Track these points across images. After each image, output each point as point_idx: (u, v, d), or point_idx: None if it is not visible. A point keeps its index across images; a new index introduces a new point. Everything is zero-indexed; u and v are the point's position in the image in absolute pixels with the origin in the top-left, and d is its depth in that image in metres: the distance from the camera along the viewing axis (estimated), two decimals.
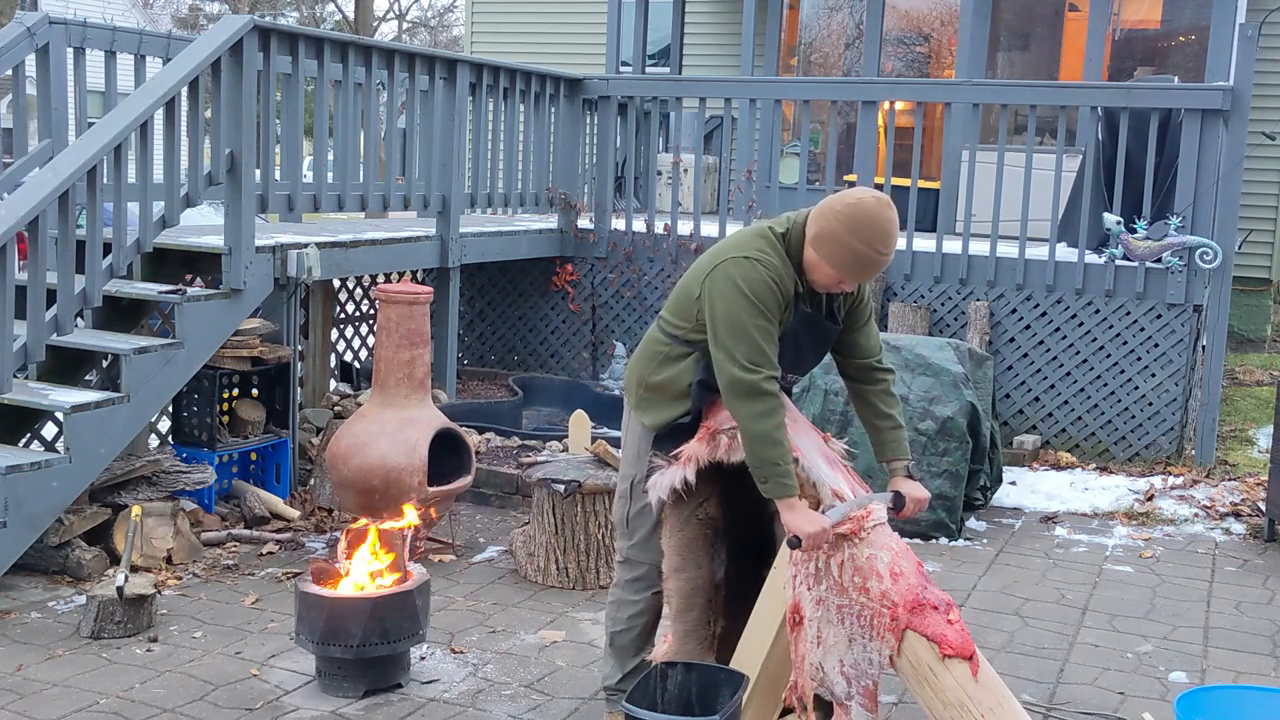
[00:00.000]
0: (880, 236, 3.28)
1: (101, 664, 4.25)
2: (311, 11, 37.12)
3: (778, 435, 3.26)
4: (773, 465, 3.26)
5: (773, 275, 3.33)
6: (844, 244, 3.28)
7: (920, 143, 8.28)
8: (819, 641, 3.14)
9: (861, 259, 3.29)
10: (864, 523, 3.17)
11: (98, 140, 5.08)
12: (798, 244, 3.40)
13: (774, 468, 3.26)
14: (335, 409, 6.76)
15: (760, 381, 3.26)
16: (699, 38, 12.63)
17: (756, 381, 3.26)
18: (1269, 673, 4.53)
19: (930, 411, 6.10)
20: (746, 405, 3.27)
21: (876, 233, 3.27)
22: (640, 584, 3.67)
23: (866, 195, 3.32)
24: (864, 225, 3.27)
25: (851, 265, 3.31)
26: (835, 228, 3.29)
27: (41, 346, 5.05)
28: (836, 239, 3.29)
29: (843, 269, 3.32)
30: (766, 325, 3.31)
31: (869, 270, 3.33)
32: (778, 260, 3.37)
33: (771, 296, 3.32)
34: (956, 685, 2.95)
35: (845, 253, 3.29)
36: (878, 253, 3.29)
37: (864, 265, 3.31)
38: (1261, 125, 9.77)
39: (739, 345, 3.29)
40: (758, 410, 3.25)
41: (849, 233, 3.27)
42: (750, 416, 3.27)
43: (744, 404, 3.27)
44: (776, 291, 3.33)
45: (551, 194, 8.51)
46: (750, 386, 3.26)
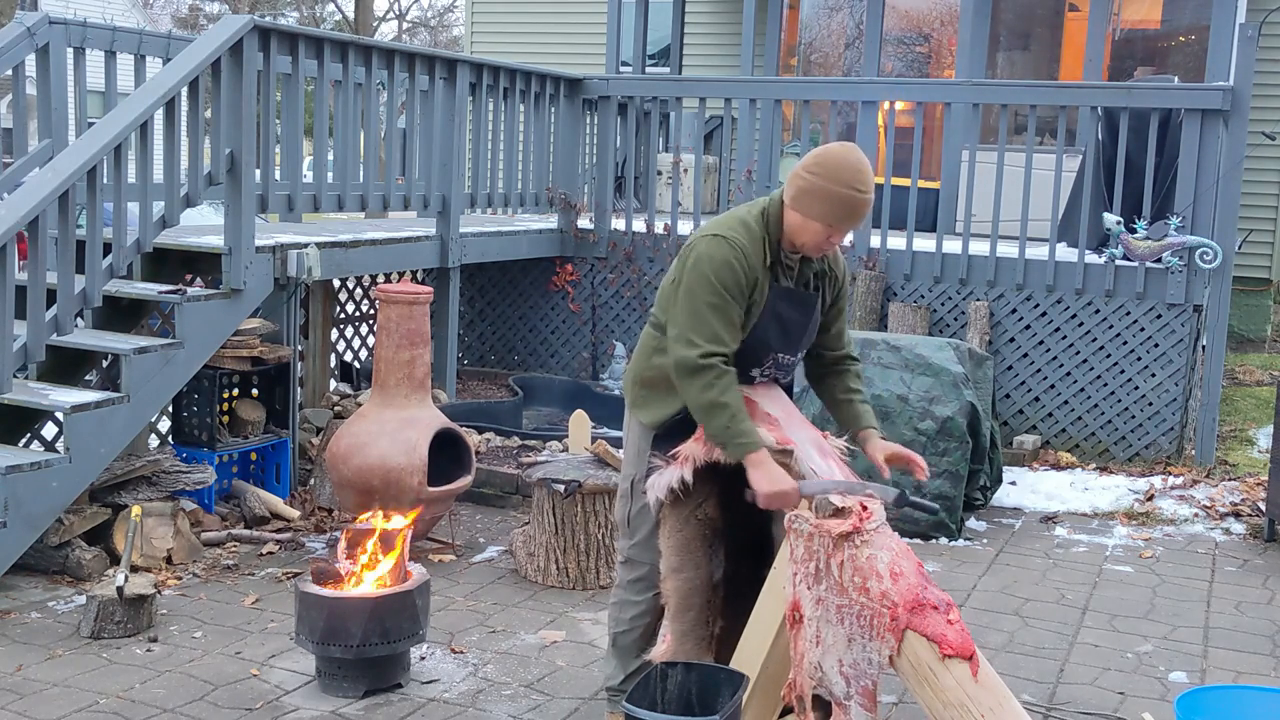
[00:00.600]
0: (857, 175, 3.32)
1: (101, 664, 4.25)
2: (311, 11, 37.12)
3: (723, 399, 3.29)
4: (725, 429, 3.30)
5: (737, 254, 3.36)
6: (824, 192, 3.32)
7: (920, 143, 8.29)
8: (818, 641, 3.14)
9: (844, 201, 3.33)
10: (864, 524, 3.17)
11: (98, 140, 5.08)
12: (777, 216, 3.43)
13: (727, 430, 3.30)
14: (335, 409, 6.76)
15: (697, 357, 3.30)
16: (699, 38, 12.63)
17: (694, 358, 3.30)
18: (1269, 673, 4.53)
19: (930, 411, 6.10)
20: (688, 382, 3.33)
21: (852, 172, 3.33)
22: (642, 584, 3.67)
23: (830, 145, 3.39)
24: (838, 168, 3.33)
25: (836, 211, 3.34)
26: (811, 181, 3.34)
27: (41, 346, 5.05)
28: (815, 190, 3.33)
29: (828, 218, 3.35)
30: (720, 303, 3.33)
31: (855, 213, 3.35)
32: (747, 239, 3.39)
33: (732, 275, 3.34)
34: (956, 685, 2.95)
35: (827, 200, 3.33)
36: (859, 191, 3.33)
37: (848, 208, 3.34)
38: (1261, 125, 9.77)
39: (687, 322, 3.34)
40: (699, 384, 3.31)
41: (826, 180, 3.32)
42: (693, 393, 3.32)
43: (686, 382, 3.33)
44: (739, 270, 3.35)
45: (551, 194, 8.51)
46: (690, 364, 3.31)
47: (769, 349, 3.49)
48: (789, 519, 3.24)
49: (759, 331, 3.44)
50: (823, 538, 3.13)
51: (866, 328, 7.72)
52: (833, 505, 3.17)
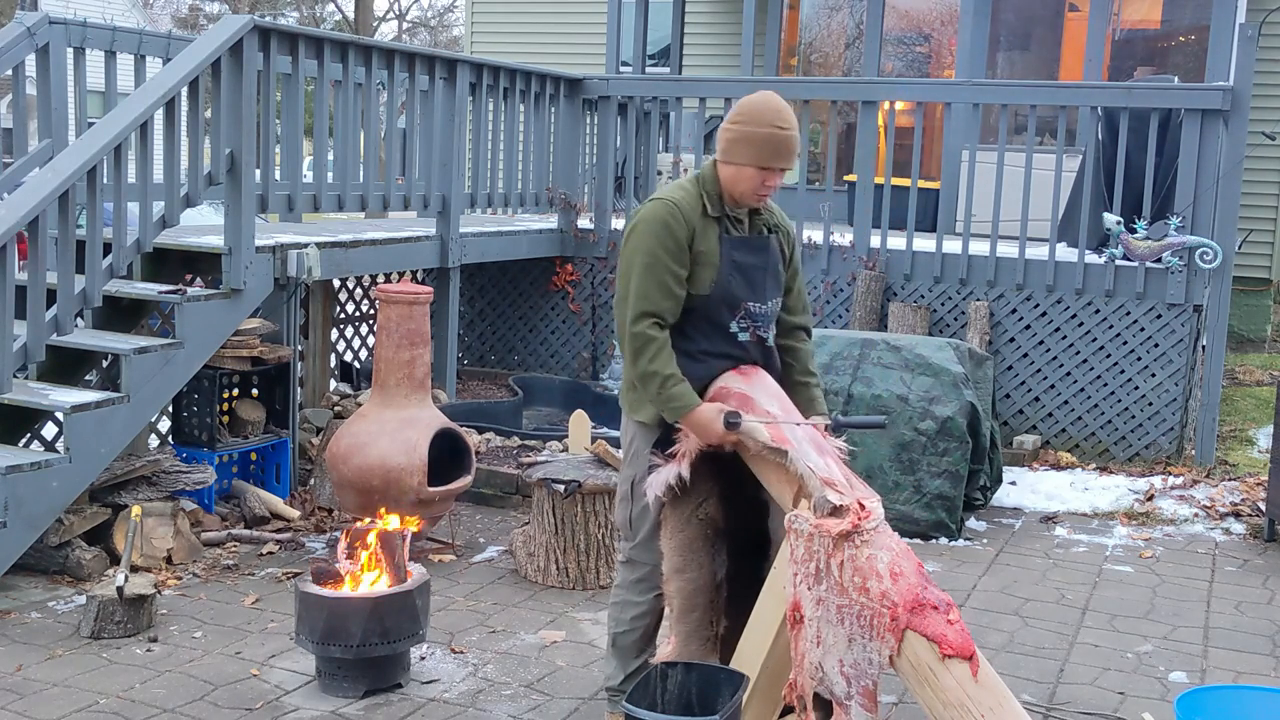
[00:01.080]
0: (774, 114, 3.43)
1: (101, 664, 4.25)
2: (311, 11, 37.11)
3: (652, 367, 3.40)
4: (657, 394, 3.41)
5: (669, 208, 3.46)
6: (747, 135, 3.44)
7: (920, 143, 8.28)
8: (819, 641, 3.14)
9: (768, 140, 3.44)
10: (863, 523, 3.16)
11: (98, 140, 5.08)
12: (710, 177, 3.55)
13: (660, 396, 3.41)
14: (335, 409, 6.76)
15: (629, 324, 3.41)
16: (699, 38, 12.63)
17: (627, 326, 3.42)
18: (1269, 673, 4.53)
19: (930, 411, 6.10)
20: (627, 352, 3.44)
21: (769, 111, 3.44)
22: (643, 585, 3.67)
23: (747, 95, 3.52)
24: (755, 110, 3.45)
25: (763, 151, 3.44)
26: (735, 129, 3.48)
27: (41, 346, 5.05)
28: (739, 136, 3.46)
29: (757, 159, 3.45)
30: (652, 262, 3.42)
31: (781, 151, 3.44)
32: (680, 195, 3.50)
33: (665, 229, 3.44)
34: (956, 685, 2.95)
35: (751, 143, 3.44)
36: (779, 127, 3.43)
37: (773, 146, 3.44)
38: (1261, 125, 9.77)
39: (622, 287, 3.49)
40: (631, 352, 3.42)
41: (746, 123, 3.45)
42: (631, 363, 3.44)
43: (625, 351, 3.45)
44: (671, 223, 3.44)
45: (551, 194, 8.52)
46: (624, 332, 3.44)
47: (737, 299, 3.53)
48: (789, 519, 3.24)
49: (722, 283, 3.50)
50: (822, 538, 3.13)
51: (866, 328, 7.72)
52: (830, 504, 3.16)
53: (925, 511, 6.03)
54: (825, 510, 3.20)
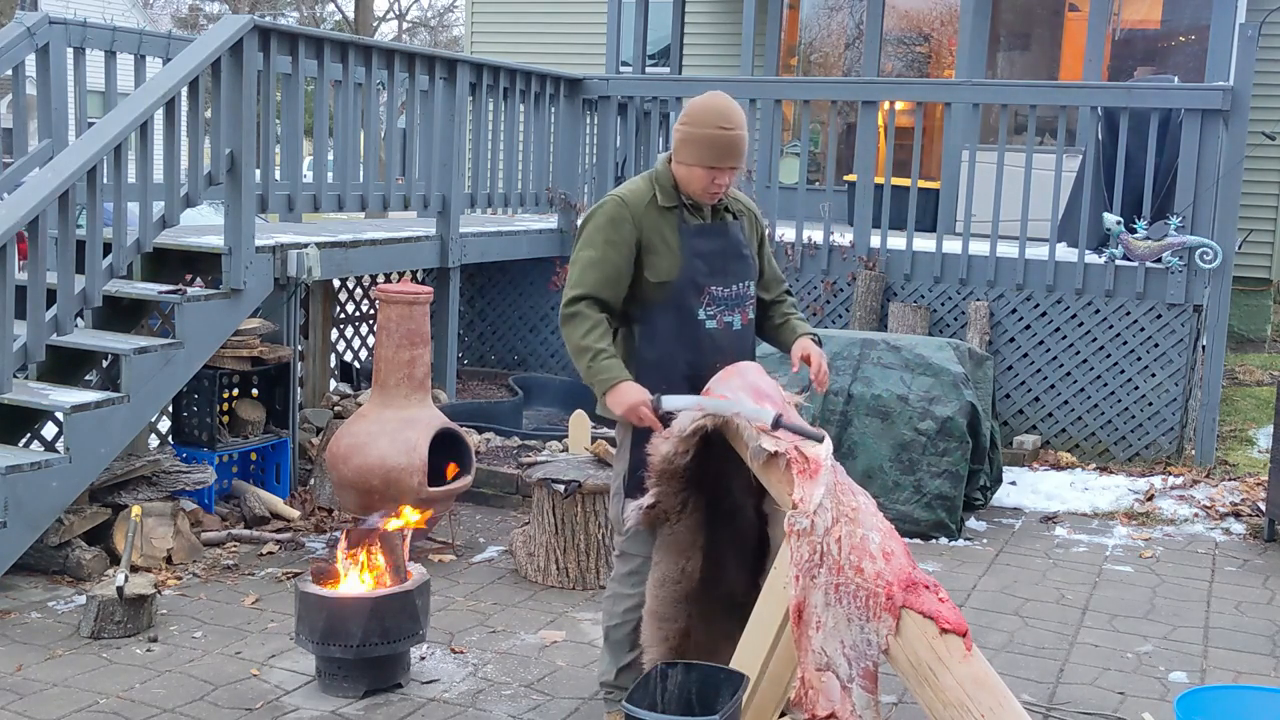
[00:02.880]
0: (719, 115, 3.51)
1: (101, 664, 4.25)
2: (311, 11, 37.11)
3: (584, 342, 3.48)
4: (587, 368, 3.49)
5: (614, 202, 3.59)
6: (693, 136, 3.53)
7: (920, 143, 8.29)
8: (819, 626, 3.16)
9: (712, 140, 3.50)
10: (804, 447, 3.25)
11: (98, 140, 5.08)
12: (664, 172, 3.63)
13: (589, 370, 3.49)
14: (335, 409, 6.76)
15: (564, 305, 3.54)
16: (699, 38, 12.62)
17: (563, 307, 3.55)
18: (1269, 673, 4.53)
19: (930, 411, 6.10)
20: (564, 332, 3.56)
21: (713, 113, 3.52)
22: (635, 578, 3.67)
23: (698, 96, 3.61)
24: (700, 112, 3.54)
25: (708, 149, 3.52)
26: (682, 130, 3.55)
27: (41, 346, 5.05)
28: (685, 136, 3.53)
29: (705, 159, 3.53)
30: (592, 253, 3.54)
31: (726, 150, 3.52)
32: (627, 190, 3.62)
33: (606, 220, 3.57)
34: (956, 685, 2.95)
35: (696, 143, 3.52)
36: (723, 128, 3.50)
37: (719, 145, 3.52)
38: (1261, 125, 9.77)
39: (568, 276, 3.59)
40: (567, 331, 3.53)
41: (691, 125, 3.54)
42: (564, 334, 3.55)
43: (563, 331, 3.56)
44: (613, 215, 3.56)
45: (551, 194, 8.51)
46: (562, 314, 3.55)
47: (700, 286, 3.59)
48: (788, 520, 3.24)
49: (685, 270, 3.57)
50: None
51: (866, 328, 7.72)
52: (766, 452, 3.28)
53: (925, 511, 6.03)
54: (762, 459, 3.29)
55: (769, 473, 3.38)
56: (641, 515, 3.52)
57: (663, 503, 3.49)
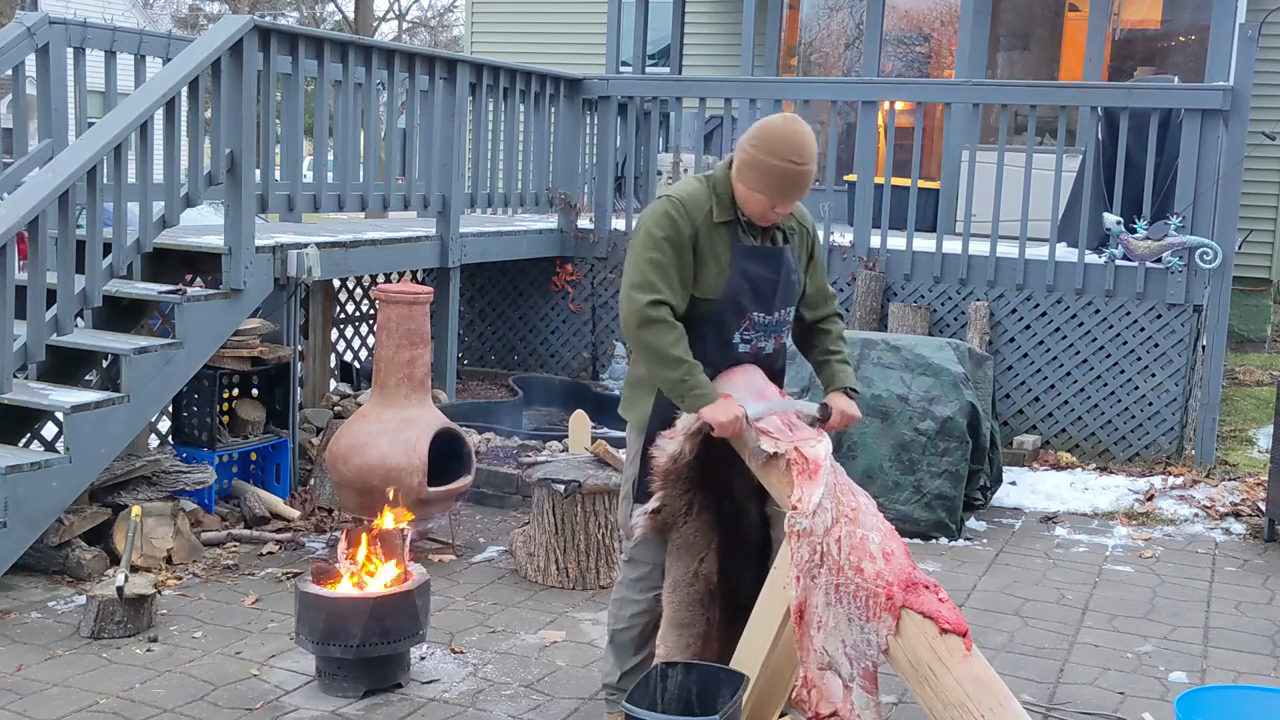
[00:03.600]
0: (793, 148, 3.34)
1: (101, 664, 4.25)
2: (311, 11, 37.11)
3: (675, 352, 3.34)
4: (680, 382, 3.36)
5: (675, 206, 3.42)
6: (761, 164, 3.36)
7: (920, 143, 8.28)
8: (820, 626, 3.16)
9: (781, 175, 3.36)
10: (803, 447, 3.23)
11: (98, 140, 5.08)
12: (723, 180, 3.48)
13: (682, 384, 3.35)
14: (335, 409, 6.76)
15: (646, 305, 3.34)
16: (699, 38, 12.63)
17: (642, 304, 3.35)
18: (1269, 673, 4.53)
19: (930, 411, 6.10)
20: (639, 332, 3.36)
21: (787, 145, 3.35)
22: (643, 584, 3.67)
23: (773, 117, 3.43)
24: (774, 140, 3.36)
25: (775, 183, 3.37)
26: (750, 152, 3.38)
27: (41, 346, 5.05)
28: (753, 162, 3.37)
29: (768, 189, 3.38)
30: (658, 256, 3.38)
31: (793, 186, 3.38)
32: (686, 194, 3.45)
33: (670, 224, 3.40)
34: (956, 685, 2.95)
35: (765, 172, 3.36)
36: (794, 163, 3.35)
37: (787, 181, 3.36)
38: (1261, 125, 9.76)
39: (632, 274, 3.41)
40: (650, 334, 3.34)
41: (762, 152, 3.35)
42: (646, 342, 3.36)
43: (638, 331, 3.37)
44: (677, 219, 3.40)
45: (551, 194, 8.51)
46: (638, 313, 3.35)
47: (743, 310, 3.49)
48: (789, 521, 3.25)
49: (731, 291, 3.45)
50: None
51: (866, 328, 7.72)
52: (765, 453, 3.28)
53: (925, 511, 6.03)
54: (761, 460, 3.29)
55: (769, 474, 3.38)
56: (648, 520, 3.51)
57: (668, 506, 3.49)
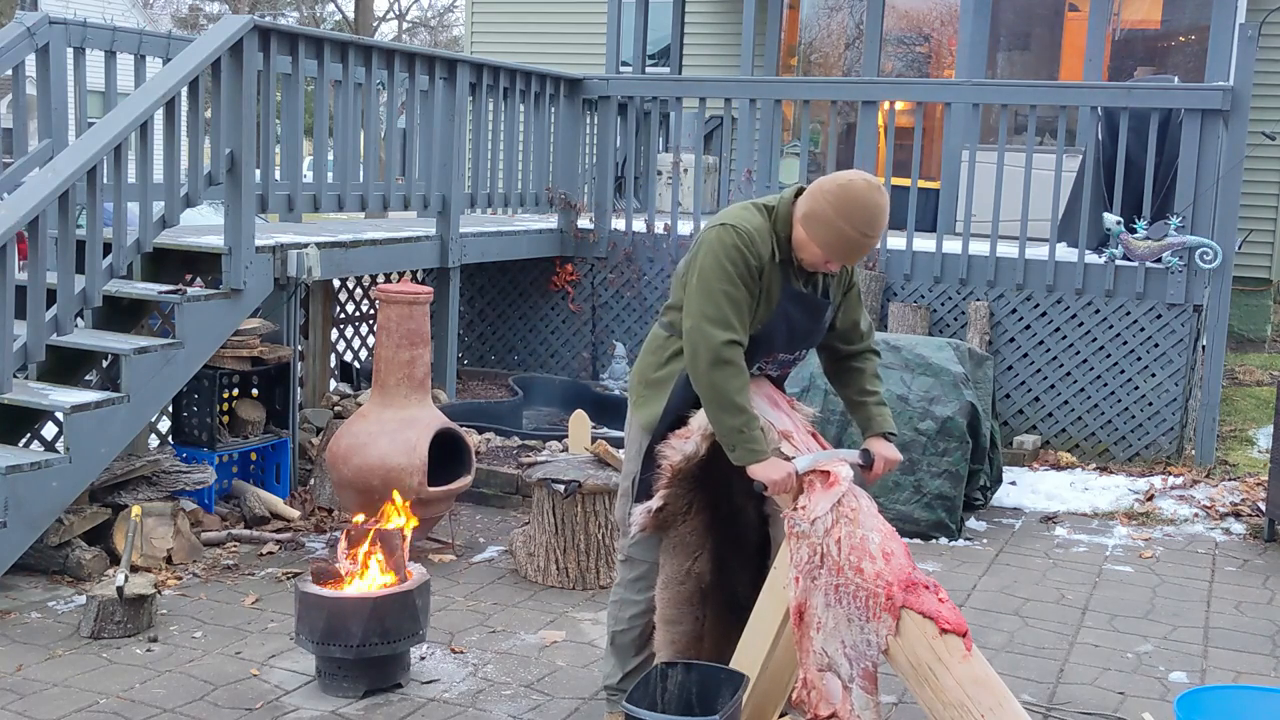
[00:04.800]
0: (868, 220, 3.29)
1: (101, 664, 4.25)
2: (311, 11, 37.11)
3: (740, 400, 3.27)
4: (738, 432, 3.27)
5: (745, 240, 3.34)
6: (831, 225, 3.30)
7: (920, 143, 8.28)
8: (820, 627, 3.16)
9: (848, 241, 3.32)
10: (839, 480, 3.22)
11: (98, 140, 5.08)
12: (785, 219, 3.42)
13: (739, 435, 3.27)
14: (335, 409, 6.76)
15: (722, 345, 3.26)
16: (699, 38, 12.63)
17: (718, 343, 3.27)
18: (1269, 673, 4.53)
19: (930, 411, 6.10)
20: (710, 369, 3.28)
21: (865, 216, 3.29)
22: (642, 584, 3.67)
23: (857, 178, 3.33)
24: (852, 208, 3.28)
25: (838, 247, 3.33)
26: (824, 208, 3.31)
27: (41, 346, 5.05)
28: (824, 219, 3.31)
29: (829, 249, 3.34)
30: (733, 290, 3.31)
31: (855, 253, 3.35)
32: (754, 227, 3.38)
33: (742, 260, 3.33)
34: (956, 685, 2.95)
35: (832, 233, 3.31)
36: (865, 236, 3.31)
37: (850, 248, 3.33)
38: (1261, 125, 9.77)
39: (706, 305, 3.31)
40: (721, 374, 3.26)
41: (837, 214, 3.29)
42: (713, 380, 3.27)
43: (708, 367, 3.28)
44: (748, 255, 3.34)
45: (551, 194, 8.51)
46: (714, 350, 3.27)
47: (773, 348, 3.49)
48: (789, 521, 3.24)
49: (767, 331, 3.43)
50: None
51: None
52: (784, 455, 3.27)
53: (925, 511, 6.03)
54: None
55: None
56: (649, 518, 3.51)
57: (670, 505, 3.49)
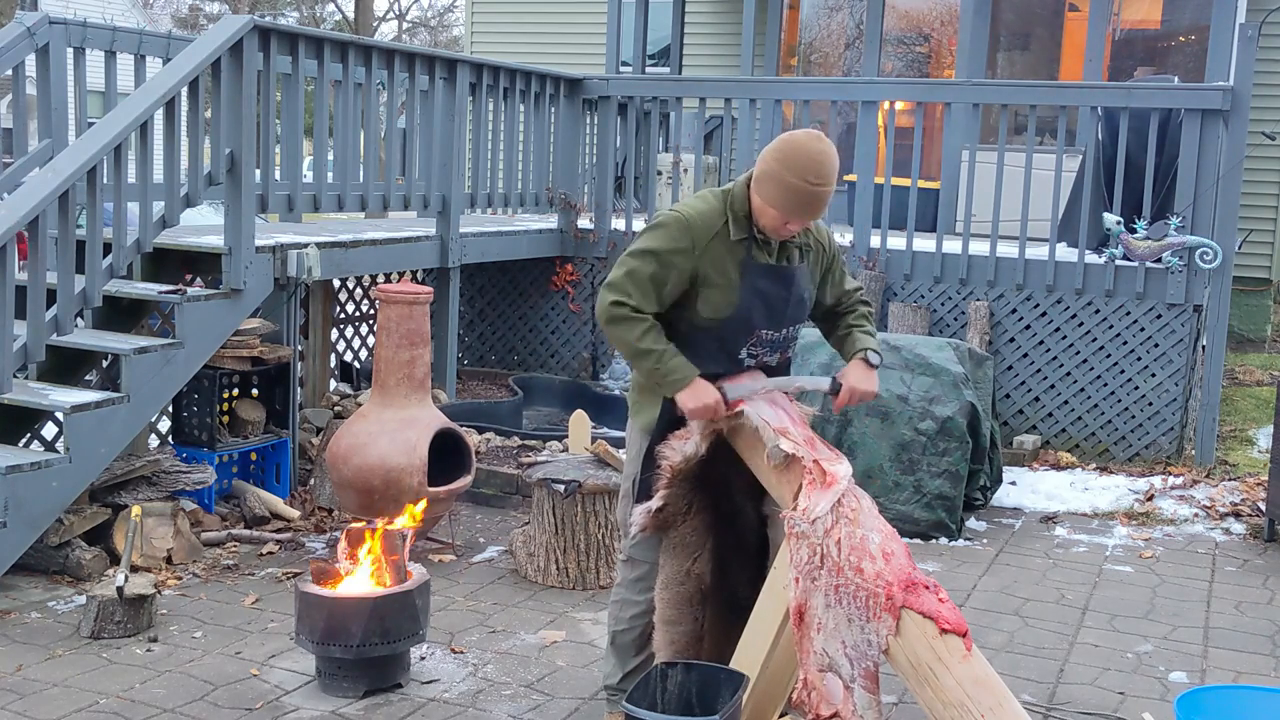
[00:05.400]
0: (813, 167, 3.27)
1: (101, 664, 4.25)
2: (311, 11, 37.11)
3: (643, 345, 3.37)
4: (653, 370, 3.39)
5: (678, 218, 3.40)
6: (779, 179, 3.30)
7: (920, 143, 8.28)
8: (820, 628, 3.16)
9: (799, 193, 3.29)
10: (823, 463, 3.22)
11: (98, 140, 5.08)
12: (741, 196, 3.43)
13: (655, 372, 3.38)
14: (335, 409, 6.76)
15: (609, 305, 3.39)
16: (699, 38, 12.62)
17: (605, 303, 3.40)
18: (1269, 673, 4.53)
19: (930, 411, 6.10)
20: (610, 330, 3.42)
21: (809, 164, 3.27)
22: (642, 584, 3.67)
23: (798, 132, 3.36)
24: (795, 158, 3.28)
25: (791, 202, 3.31)
26: (770, 166, 3.32)
27: (41, 346, 5.05)
28: (771, 176, 3.31)
29: (783, 207, 3.33)
30: (639, 265, 3.38)
31: (810, 205, 3.32)
32: (696, 210, 3.42)
33: (666, 237, 3.38)
34: (956, 685, 2.95)
35: (781, 189, 3.30)
36: (811, 184, 3.27)
37: (803, 200, 3.30)
38: (1261, 125, 9.76)
39: (612, 273, 3.44)
40: (619, 331, 3.39)
41: (783, 168, 3.29)
42: (612, 336, 3.42)
43: (609, 329, 3.42)
44: (675, 235, 3.38)
45: (551, 194, 8.51)
46: (601, 307, 3.41)
47: (752, 326, 3.48)
48: (789, 522, 3.24)
49: (742, 309, 3.44)
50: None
51: None
52: (783, 453, 3.27)
53: (925, 511, 6.03)
54: (779, 460, 3.28)
55: (780, 474, 3.38)
56: (649, 519, 3.51)
57: (670, 505, 3.49)
